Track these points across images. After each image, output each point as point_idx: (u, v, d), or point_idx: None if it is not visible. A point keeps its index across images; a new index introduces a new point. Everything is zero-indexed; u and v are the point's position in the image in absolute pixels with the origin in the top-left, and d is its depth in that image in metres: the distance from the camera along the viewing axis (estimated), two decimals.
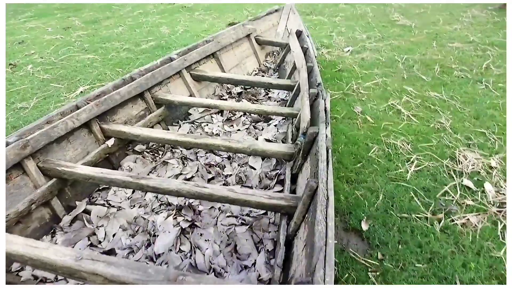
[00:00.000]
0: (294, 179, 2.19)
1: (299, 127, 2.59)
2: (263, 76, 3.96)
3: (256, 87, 3.50)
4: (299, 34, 3.91)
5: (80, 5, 8.76)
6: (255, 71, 4.04)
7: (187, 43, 5.47)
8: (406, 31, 5.72)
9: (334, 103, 3.52)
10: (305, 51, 3.43)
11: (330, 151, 1.80)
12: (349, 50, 5.02)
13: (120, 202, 2.20)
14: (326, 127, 2.02)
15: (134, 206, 2.17)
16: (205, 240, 1.89)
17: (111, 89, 2.56)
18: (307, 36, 3.85)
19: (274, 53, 4.41)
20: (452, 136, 2.90)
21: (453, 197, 2.26)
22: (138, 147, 2.61)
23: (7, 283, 1.72)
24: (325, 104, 2.30)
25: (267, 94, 3.50)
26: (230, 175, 2.39)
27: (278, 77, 3.96)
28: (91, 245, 1.94)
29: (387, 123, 3.12)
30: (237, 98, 3.42)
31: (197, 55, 3.31)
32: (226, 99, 3.39)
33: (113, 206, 2.17)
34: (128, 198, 2.24)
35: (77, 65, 4.70)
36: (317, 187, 1.56)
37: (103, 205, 2.18)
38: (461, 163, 2.56)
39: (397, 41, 5.26)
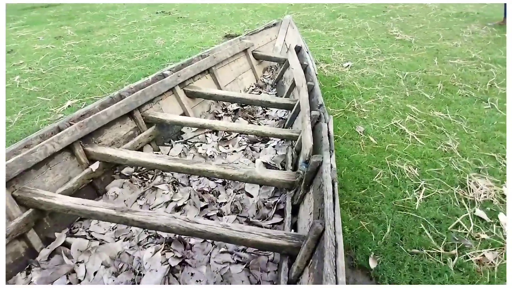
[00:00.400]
0: (295, 210, 2.01)
1: (299, 150, 2.43)
2: (260, 92, 3.81)
3: (253, 105, 3.33)
4: (298, 49, 3.76)
5: (73, 14, 8.60)
6: (252, 86, 3.88)
7: (181, 55, 5.32)
8: (406, 46, 5.62)
9: (335, 121, 3.36)
10: (305, 68, 3.28)
11: (336, 184, 1.62)
12: (348, 65, 4.89)
13: (104, 234, 2.00)
14: (330, 156, 1.85)
15: (118, 238, 1.97)
16: (197, 281, 1.69)
17: (97, 109, 2.38)
18: (307, 52, 3.71)
19: (272, 68, 4.26)
20: (461, 161, 2.74)
21: (466, 230, 2.09)
22: (125, 170, 2.42)
23: None
24: (328, 128, 2.13)
25: (265, 112, 3.33)
26: (225, 203, 2.20)
27: (276, 94, 3.80)
28: (70, 284, 1.74)
29: (391, 145, 2.96)
30: (233, 116, 3.25)
31: (191, 71, 3.14)
32: (221, 117, 3.22)
33: (96, 239, 1.97)
34: (113, 229, 2.04)
35: (66, 77, 4.51)
36: (323, 230, 1.38)
37: (85, 237, 1.98)
38: (472, 191, 2.39)
39: (397, 56, 5.14)
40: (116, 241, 1.96)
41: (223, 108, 3.35)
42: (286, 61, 3.81)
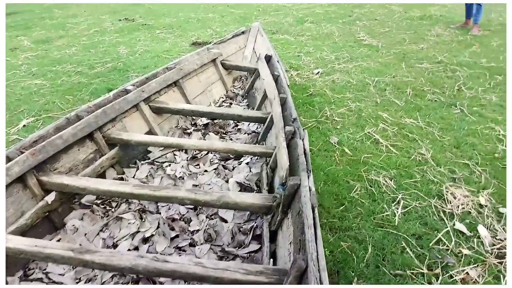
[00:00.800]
0: (272, 235, 1.88)
1: (274, 168, 2.31)
2: (231, 103, 3.67)
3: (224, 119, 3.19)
4: (268, 59, 3.66)
5: (31, 23, 8.14)
6: (223, 98, 3.73)
7: (147, 65, 5.11)
8: (373, 51, 5.65)
9: (309, 132, 3.27)
10: (276, 78, 3.17)
11: (316, 210, 1.51)
12: (318, 72, 4.84)
13: (63, 275, 1.80)
14: (308, 176, 1.74)
15: (79, 280, 1.77)
16: None
17: (52, 132, 2.17)
18: (277, 61, 3.60)
19: (242, 78, 4.13)
20: (436, 170, 2.71)
21: (447, 245, 2.04)
22: (86, 199, 2.21)
23: None
24: (304, 145, 2.03)
25: (237, 125, 3.19)
26: (198, 230, 2.05)
27: (247, 104, 3.68)
28: None
29: (366, 156, 2.90)
30: (203, 131, 3.09)
31: (156, 85, 2.96)
32: (191, 133, 3.06)
33: (54, 281, 1.76)
34: (73, 268, 1.83)
35: (22, 93, 4.20)
36: (306, 266, 1.26)
37: (41, 280, 1.77)
38: (450, 203, 2.36)
39: (366, 62, 5.15)
40: (77, 282, 1.76)
41: (193, 123, 3.19)
42: (256, 71, 3.70)
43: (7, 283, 1.97)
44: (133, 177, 2.49)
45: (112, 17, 8.44)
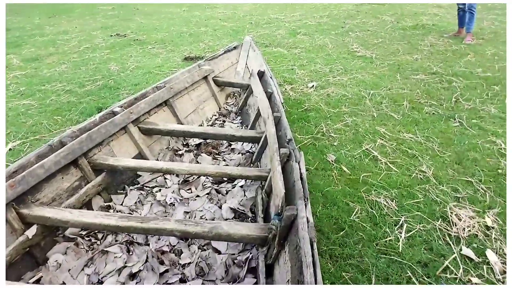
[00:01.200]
0: (269, 268, 1.76)
1: (269, 192, 2.19)
2: (224, 121, 3.56)
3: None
4: (261, 75, 3.56)
5: (21, 40, 8.03)
6: (215, 116, 3.62)
7: (138, 81, 5.01)
8: (367, 62, 5.59)
9: (304, 150, 3.17)
10: (269, 96, 3.08)
11: (315, 245, 1.40)
12: (313, 86, 4.76)
13: None
14: (305, 205, 1.62)
15: None
16: None
17: (33, 161, 2.04)
18: (270, 77, 3.51)
19: (235, 94, 4.03)
20: (438, 188, 2.61)
21: (455, 274, 1.92)
22: (70, 231, 2.08)
23: None
24: (300, 169, 1.91)
25: (230, 145, 3.08)
26: (189, 263, 1.91)
27: (241, 122, 3.57)
28: None
29: (365, 174, 2.80)
30: (195, 152, 2.98)
31: (146, 106, 2.85)
32: (182, 154, 2.93)
33: None
34: None
35: (9, 114, 4.06)
36: None
37: None
38: (455, 225, 2.25)
39: (361, 74, 5.08)
40: None
41: (185, 143, 3.07)
42: (249, 87, 3.61)
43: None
44: (121, 204, 2.36)
45: (103, 33, 8.35)
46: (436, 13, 8.88)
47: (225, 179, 2.62)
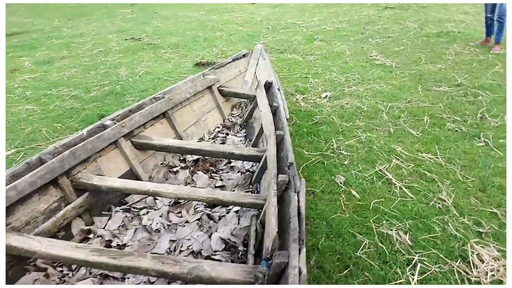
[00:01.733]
0: None
1: (265, 222, 1.95)
2: (227, 134, 3.34)
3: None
4: (268, 86, 3.33)
5: (37, 43, 8.07)
6: (219, 128, 3.41)
7: (145, 88, 4.87)
8: (386, 72, 5.27)
9: (311, 169, 2.92)
10: (274, 110, 2.84)
11: None
12: (326, 96, 4.49)
13: None
14: (300, 250, 1.38)
15: None
16: None
17: (8, 179, 1.87)
18: (278, 89, 3.27)
19: (242, 105, 3.81)
20: (459, 221, 2.31)
21: None
22: (40, 260, 1.90)
23: None
24: (298, 201, 1.67)
25: (230, 162, 2.86)
26: None
27: (245, 135, 3.35)
28: None
29: (377, 200, 2.52)
30: (191, 169, 2.77)
31: (140, 118, 2.66)
32: (177, 171, 2.73)
33: None
34: None
35: (9, 120, 3.98)
36: None
37: None
38: (477, 268, 1.95)
39: (378, 84, 4.78)
40: None
41: (182, 158, 2.87)
42: (255, 98, 3.38)
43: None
44: (104, 227, 2.17)
45: (118, 36, 8.31)
46: (462, 20, 8.42)
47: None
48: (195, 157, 2.87)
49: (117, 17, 11.29)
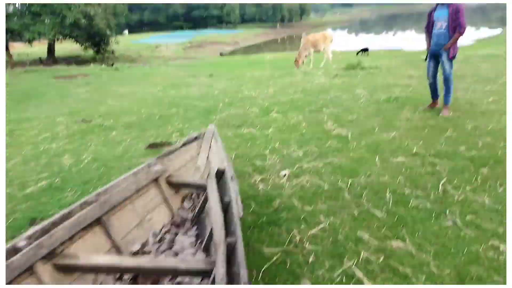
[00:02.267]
0: None
1: None
2: (176, 234, 2.96)
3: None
4: (220, 175, 3.04)
5: None
6: (166, 227, 3.03)
7: (89, 179, 4.45)
8: (343, 143, 5.20)
9: (272, 273, 2.56)
10: (226, 207, 2.53)
11: None
12: (285, 175, 4.27)
13: None
14: None
15: None
16: None
17: None
18: (231, 177, 2.98)
19: (193, 196, 3.48)
20: None
21: None
22: None
23: None
24: None
25: (176, 277, 2.44)
26: None
27: (197, 234, 2.97)
28: None
29: None
30: None
31: (65, 232, 2.25)
32: None
33: None
34: None
35: None
36: None
37: None
38: None
39: (337, 157, 4.66)
40: None
41: (117, 277, 2.43)
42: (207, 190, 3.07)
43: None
44: None
45: (69, 119, 7.91)
46: (408, 84, 8.88)
47: None
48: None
49: (71, 96, 11.04)
